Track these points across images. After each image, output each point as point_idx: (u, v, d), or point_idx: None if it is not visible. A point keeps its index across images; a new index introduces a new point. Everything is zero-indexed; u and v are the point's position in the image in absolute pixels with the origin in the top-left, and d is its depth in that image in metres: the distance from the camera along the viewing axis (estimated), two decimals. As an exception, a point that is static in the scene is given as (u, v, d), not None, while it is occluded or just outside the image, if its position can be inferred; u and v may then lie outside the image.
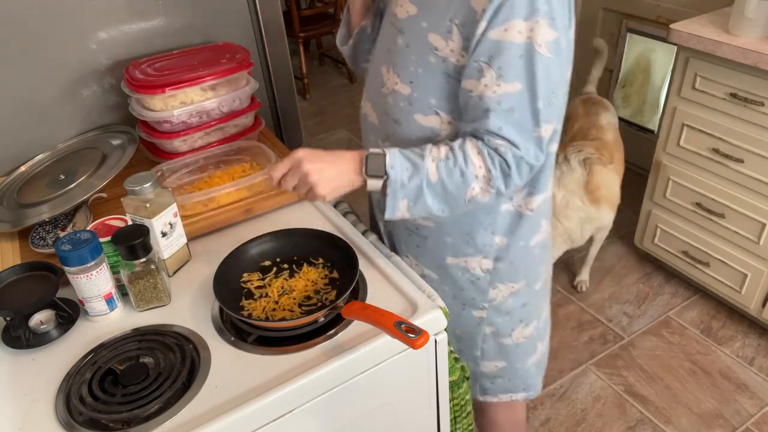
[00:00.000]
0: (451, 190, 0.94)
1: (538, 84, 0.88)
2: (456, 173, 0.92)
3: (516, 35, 0.86)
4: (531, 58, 0.87)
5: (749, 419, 1.86)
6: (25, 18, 1.26)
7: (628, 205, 2.84)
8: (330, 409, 0.92)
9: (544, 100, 0.90)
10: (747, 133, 1.88)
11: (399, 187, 0.93)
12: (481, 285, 1.14)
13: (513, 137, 0.91)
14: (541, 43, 0.87)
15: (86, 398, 0.85)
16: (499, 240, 1.09)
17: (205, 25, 1.46)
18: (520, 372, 1.26)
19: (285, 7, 3.93)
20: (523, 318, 1.19)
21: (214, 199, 1.19)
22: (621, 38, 2.89)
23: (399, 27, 1.00)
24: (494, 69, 0.88)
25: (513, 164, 0.92)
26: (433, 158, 0.93)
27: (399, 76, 1.00)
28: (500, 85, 0.88)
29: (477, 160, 0.92)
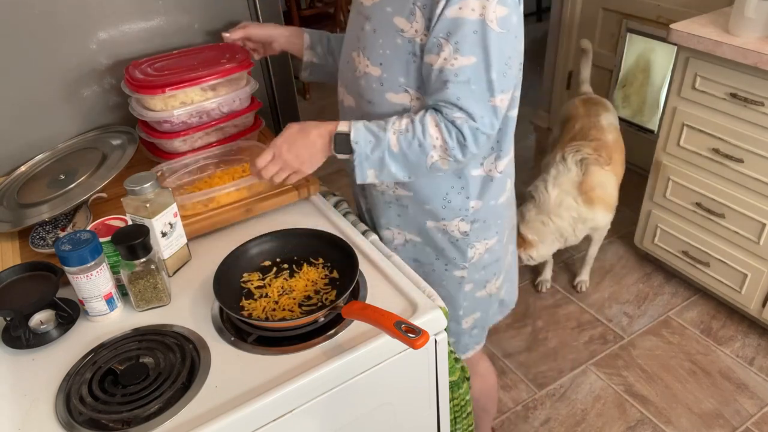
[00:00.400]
0: (411, 159, 1.03)
1: (491, 56, 0.97)
2: (414, 144, 1.02)
3: (470, 12, 0.94)
4: (484, 33, 0.95)
5: (749, 419, 1.86)
6: (25, 18, 1.26)
7: (628, 205, 2.84)
8: (330, 409, 0.92)
9: (497, 71, 0.98)
10: (747, 133, 1.88)
11: (364, 159, 1.03)
12: (461, 245, 1.22)
13: (470, 107, 0.99)
14: (492, 19, 0.95)
15: (86, 398, 0.85)
16: (473, 203, 1.18)
17: (205, 25, 1.46)
18: (491, 319, 1.38)
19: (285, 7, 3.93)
20: (496, 271, 1.29)
21: (215, 199, 1.19)
22: (621, 38, 2.89)
23: (366, 14, 1.07)
24: (452, 44, 0.96)
25: (469, 135, 1.01)
26: (395, 131, 1.02)
27: (369, 59, 1.08)
28: (457, 59, 0.97)
29: (434, 131, 1.01)
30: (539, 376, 2.04)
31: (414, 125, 1.02)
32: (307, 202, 1.27)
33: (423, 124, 1.01)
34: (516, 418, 1.92)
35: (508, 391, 2.00)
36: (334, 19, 4.14)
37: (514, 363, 2.10)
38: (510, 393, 1.99)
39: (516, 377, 2.05)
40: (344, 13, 4.26)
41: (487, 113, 1.00)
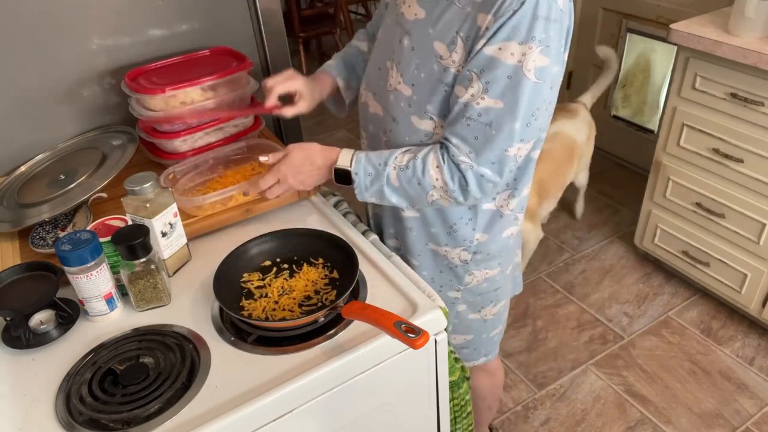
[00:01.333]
0: (411, 194, 1.03)
1: (519, 106, 0.93)
2: (414, 182, 1.01)
3: (508, 56, 0.91)
4: (518, 81, 0.92)
5: (749, 419, 1.86)
6: (25, 18, 1.26)
7: (628, 205, 2.84)
8: (330, 409, 0.92)
9: (522, 121, 0.94)
10: (747, 133, 1.88)
11: (363, 190, 1.05)
12: (458, 272, 1.21)
13: (483, 151, 0.96)
14: (530, 68, 0.91)
15: (86, 398, 0.85)
16: (479, 236, 1.16)
17: (205, 25, 1.46)
18: (485, 342, 1.35)
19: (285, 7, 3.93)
20: (494, 299, 1.28)
21: (233, 197, 1.20)
22: (621, 38, 2.89)
23: (405, 28, 1.03)
24: (482, 82, 0.93)
25: (472, 182, 0.99)
26: (395, 166, 1.02)
27: (402, 76, 1.04)
28: (484, 99, 0.94)
29: (434, 172, 0.99)
30: (539, 376, 2.04)
31: (415, 163, 1.00)
32: (307, 202, 1.27)
33: (424, 164, 1.00)
34: (516, 418, 1.92)
35: (508, 391, 2.00)
36: (334, 19, 4.14)
37: (514, 363, 2.10)
38: (510, 393, 1.99)
39: (516, 377, 2.04)
40: (344, 13, 4.26)
41: (498, 161, 0.97)
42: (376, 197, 1.06)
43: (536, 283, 2.44)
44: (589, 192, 2.96)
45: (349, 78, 1.28)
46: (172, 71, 1.34)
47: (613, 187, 2.99)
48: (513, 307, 2.32)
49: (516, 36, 0.89)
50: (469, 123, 0.96)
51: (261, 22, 1.53)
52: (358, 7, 4.99)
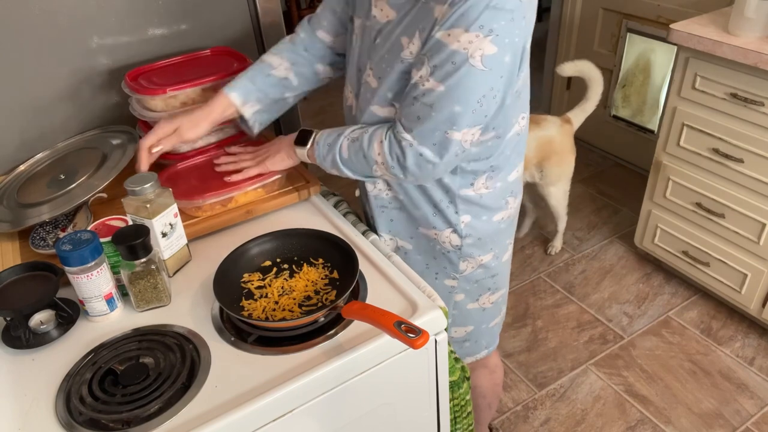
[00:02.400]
0: (359, 166, 1.09)
1: (461, 90, 0.95)
2: (360, 154, 1.07)
3: (455, 42, 0.92)
4: (461, 67, 0.93)
5: (749, 419, 1.86)
6: (25, 17, 1.26)
7: (628, 205, 2.84)
8: (330, 409, 0.92)
9: (464, 106, 0.96)
10: (747, 133, 1.88)
11: (322, 160, 1.12)
12: (452, 257, 1.22)
13: (424, 131, 0.99)
14: (476, 56, 0.92)
15: (86, 398, 0.85)
16: (464, 218, 1.17)
17: (205, 25, 1.46)
18: (485, 332, 1.36)
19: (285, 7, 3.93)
20: (491, 287, 1.28)
21: (233, 199, 1.20)
22: (621, 38, 2.89)
23: (378, 28, 1.06)
24: (429, 65, 0.96)
25: (410, 159, 1.02)
26: (347, 137, 1.08)
27: (372, 70, 1.08)
28: (429, 80, 0.96)
29: (377, 147, 1.04)
30: (539, 376, 2.04)
31: (363, 136, 1.06)
32: (307, 202, 1.27)
33: (370, 138, 1.05)
34: (516, 418, 1.92)
35: (508, 391, 2.00)
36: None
37: (514, 363, 2.10)
38: (510, 393, 1.99)
39: (516, 377, 2.05)
40: (344, 13, 4.25)
41: (439, 143, 0.99)
42: (333, 167, 1.11)
43: (536, 283, 2.44)
44: (589, 192, 2.96)
45: (250, 90, 1.19)
46: (172, 71, 1.34)
47: (613, 187, 2.99)
48: (513, 307, 2.32)
49: (464, 23, 0.91)
50: (413, 102, 0.99)
51: (261, 22, 1.53)
52: (358, 7, 4.98)
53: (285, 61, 1.22)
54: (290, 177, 1.28)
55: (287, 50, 1.23)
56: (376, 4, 1.05)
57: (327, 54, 1.24)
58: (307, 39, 1.23)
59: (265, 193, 1.24)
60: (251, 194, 1.22)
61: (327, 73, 1.26)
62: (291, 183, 1.27)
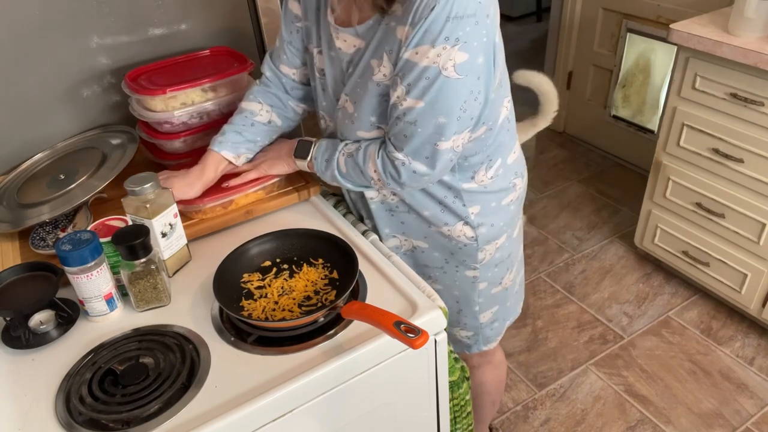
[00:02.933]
0: (357, 181, 1.11)
1: (440, 103, 0.96)
2: (357, 170, 1.09)
3: (423, 59, 0.94)
4: (435, 80, 0.94)
5: (749, 419, 1.86)
6: (25, 18, 1.26)
7: (628, 205, 2.84)
8: (330, 409, 0.92)
9: (448, 116, 0.97)
10: (747, 133, 1.88)
11: (322, 173, 1.15)
12: (469, 251, 1.22)
13: (413, 146, 1.01)
14: (447, 67, 0.93)
15: (86, 398, 0.85)
16: (472, 209, 1.18)
17: (205, 25, 1.46)
18: (510, 308, 1.39)
19: (285, 7, 3.92)
20: (509, 265, 1.30)
21: (233, 201, 1.20)
22: (621, 38, 2.89)
23: (347, 59, 1.07)
24: (404, 85, 0.97)
25: (405, 176, 1.04)
26: (344, 153, 1.10)
27: (348, 95, 1.09)
28: (407, 100, 0.98)
29: (372, 164, 1.06)
30: (539, 376, 2.04)
31: (359, 152, 1.07)
32: (307, 202, 1.27)
33: (365, 154, 1.06)
34: (516, 418, 1.92)
35: (508, 391, 2.00)
36: (334, 19, 4.13)
37: (514, 363, 2.10)
38: (510, 393, 1.99)
39: (516, 377, 2.05)
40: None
41: (431, 155, 1.01)
42: (334, 180, 1.14)
43: (536, 283, 2.45)
44: (589, 192, 2.97)
45: (239, 142, 1.20)
46: (172, 71, 1.34)
47: (613, 187, 2.99)
48: (513, 307, 2.32)
49: (428, 39, 0.92)
50: (397, 122, 1.00)
51: (261, 22, 1.53)
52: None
53: (264, 105, 1.22)
54: (290, 178, 1.28)
55: (261, 93, 1.23)
56: (337, 37, 1.06)
57: (296, 87, 1.24)
58: (274, 77, 1.23)
59: (265, 194, 1.24)
60: (251, 196, 1.22)
61: (303, 107, 1.27)
62: (291, 183, 1.27)
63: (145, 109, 1.29)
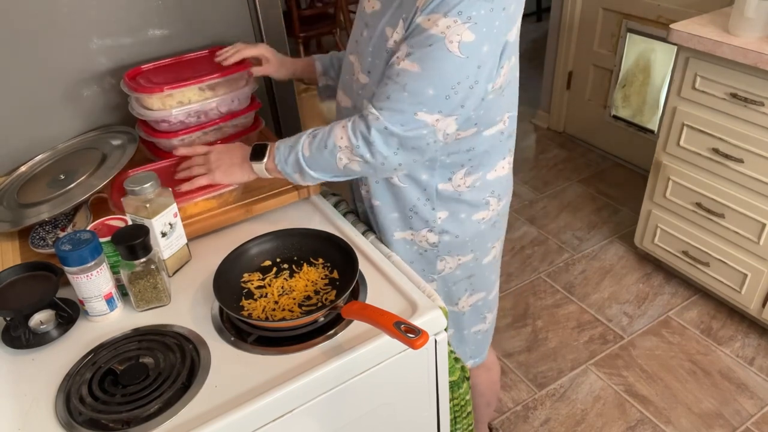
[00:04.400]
0: (323, 161, 1.05)
1: (435, 73, 0.95)
2: (321, 145, 1.04)
3: (433, 26, 0.93)
4: (438, 49, 0.94)
5: (749, 419, 1.86)
6: (25, 18, 1.26)
7: (628, 205, 2.84)
8: (330, 409, 0.92)
9: (437, 89, 0.96)
10: (747, 133, 1.88)
11: (284, 164, 1.07)
12: (429, 257, 1.21)
13: (393, 108, 0.98)
14: (453, 41, 0.93)
15: (86, 398, 0.85)
16: (441, 214, 1.16)
17: (205, 25, 1.46)
18: (468, 338, 1.35)
19: (285, 7, 3.93)
20: (468, 288, 1.27)
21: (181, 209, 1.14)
22: (621, 38, 2.89)
23: (365, 21, 1.08)
24: (408, 46, 0.97)
25: (376, 133, 0.99)
26: (308, 134, 1.06)
27: (361, 65, 1.08)
28: (404, 61, 0.97)
29: (339, 131, 1.02)
30: (539, 376, 2.04)
31: (323, 128, 1.05)
32: (307, 202, 1.27)
33: (331, 128, 1.04)
34: (516, 418, 1.92)
35: (508, 391, 2.00)
36: (334, 19, 4.14)
37: (514, 363, 2.10)
38: (510, 393, 1.99)
39: (516, 377, 2.05)
40: (344, 13, 4.26)
41: (409, 123, 0.97)
42: (297, 170, 1.07)
43: (536, 283, 2.45)
44: (589, 192, 2.96)
45: (328, 66, 1.34)
46: (170, 70, 1.34)
47: (613, 187, 2.99)
48: (513, 307, 2.32)
49: (443, 8, 0.92)
50: (387, 82, 0.99)
51: (261, 22, 1.53)
52: (358, 7, 4.98)
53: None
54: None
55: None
56: None
57: None
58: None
59: (218, 205, 1.19)
60: (201, 204, 1.17)
61: None
62: (290, 182, 1.27)
63: (143, 107, 1.29)
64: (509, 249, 2.62)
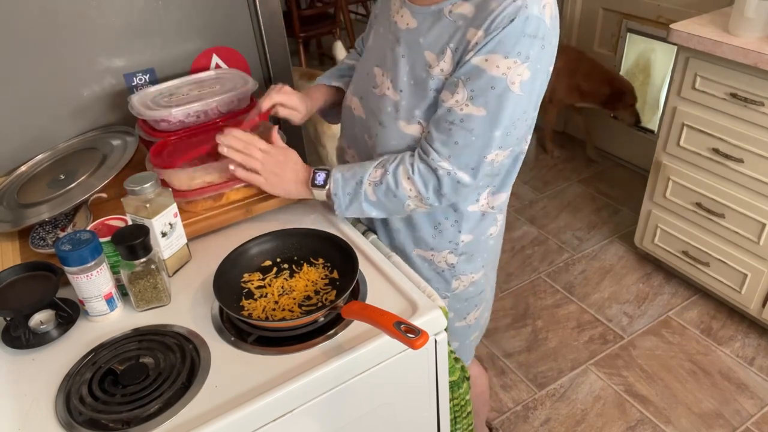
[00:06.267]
0: (389, 207, 1.07)
1: (501, 115, 0.97)
2: (390, 195, 1.05)
3: (494, 68, 0.94)
4: (502, 92, 0.95)
5: (749, 419, 1.86)
6: (26, 18, 1.26)
7: (628, 205, 2.84)
8: (330, 409, 0.92)
9: (502, 130, 0.98)
10: (747, 133, 1.88)
11: (344, 210, 1.09)
12: (446, 276, 1.22)
13: (462, 155, 1.00)
14: (515, 81, 0.95)
15: (86, 398, 0.85)
16: (464, 237, 1.17)
17: (205, 25, 1.46)
18: (467, 347, 1.37)
19: (285, 7, 3.93)
20: (477, 303, 1.30)
21: (224, 195, 1.18)
22: (621, 38, 2.89)
23: (397, 36, 1.07)
24: (467, 89, 0.97)
25: (448, 187, 1.02)
26: (370, 182, 1.06)
27: (392, 82, 1.07)
28: (468, 106, 0.97)
29: (407, 184, 1.03)
30: (539, 376, 2.04)
31: (387, 178, 1.04)
32: (308, 202, 1.27)
33: (395, 178, 1.04)
34: (516, 418, 1.92)
35: (508, 391, 2.00)
36: (334, 19, 4.14)
37: (514, 363, 2.10)
38: (510, 393, 1.99)
39: (516, 377, 2.05)
40: (344, 13, 4.26)
41: (476, 166, 1.01)
42: (357, 213, 1.10)
43: (536, 283, 2.45)
44: (589, 192, 2.97)
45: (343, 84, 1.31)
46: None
47: (613, 187, 2.99)
48: (513, 307, 2.32)
49: (502, 50, 0.93)
50: (451, 127, 0.99)
51: (261, 22, 1.53)
52: (358, 7, 4.99)
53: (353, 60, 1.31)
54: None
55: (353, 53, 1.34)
56: (398, 12, 1.06)
57: None
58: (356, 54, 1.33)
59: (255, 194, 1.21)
60: (242, 192, 1.20)
61: None
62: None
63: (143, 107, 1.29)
64: (509, 249, 2.62)
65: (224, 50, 1.44)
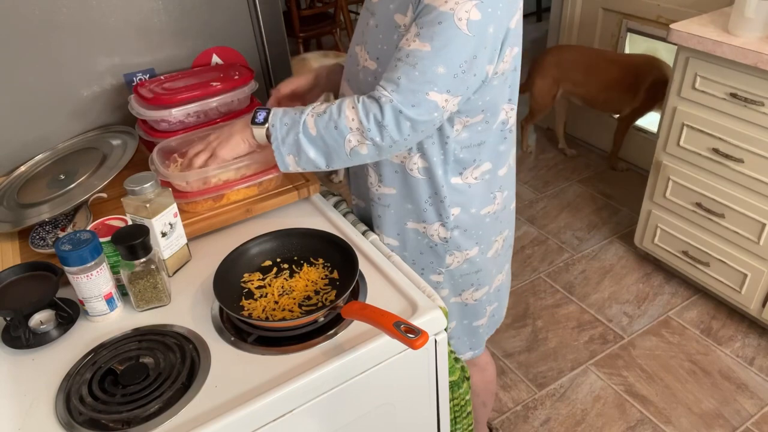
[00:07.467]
0: (329, 142, 1.01)
1: (445, 51, 0.95)
2: (330, 125, 1.00)
3: (442, 3, 0.95)
4: (447, 26, 0.95)
5: (749, 419, 1.86)
6: (26, 18, 1.26)
7: (628, 205, 2.84)
8: (330, 409, 0.92)
9: (447, 68, 0.96)
10: (747, 133, 1.88)
11: (280, 143, 1.03)
12: (439, 251, 1.21)
13: (405, 89, 0.97)
14: (461, 18, 0.94)
15: (86, 398, 0.85)
16: (454, 210, 1.17)
17: (205, 25, 1.46)
18: (468, 330, 1.35)
19: (285, 7, 3.93)
20: (474, 282, 1.27)
21: (224, 196, 1.19)
22: (621, 38, 2.89)
23: (371, 10, 1.08)
24: (417, 26, 0.97)
25: (389, 115, 0.97)
26: (312, 113, 1.02)
27: (368, 53, 1.08)
28: (415, 41, 0.97)
29: (350, 112, 0.99)
30: (539, 376, 2.04)
31: (331, 107, 1.01)
32: (307, 202, 1.27)
33: (340, 106, 1.00)
34: (516, 418, 1.92)
35: (508, 391, 2.00)
36: (334, 19, 4.14)
37: (514, 363, 2.10)
38: (510, 393, 1.99)
39: (516, 377, 2.05)
40: (344, 13, 4.26)
41: (420, 103, 0.97)
42: (293, 152, 1.03)
43: (536, 283, 2.45)
44: (589, 192, 2.97)
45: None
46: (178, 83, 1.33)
47: (613, 187, 2.99)
48: (513, 307, 2.32)
49: None
50: (397, 64, 0.98)
51: (261, 22, 1.53)
52: (359, 7, 5.00)
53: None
54: (289, 176, 1.28)
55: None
56: None
57: None
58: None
59: (259, 192, 1.22)
60: (243, 192, 1.21)
61: None
62: (290, 182, 1.27)
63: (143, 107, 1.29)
64: (509, 249, 2.62)
65: (224, 50, 1.44)
